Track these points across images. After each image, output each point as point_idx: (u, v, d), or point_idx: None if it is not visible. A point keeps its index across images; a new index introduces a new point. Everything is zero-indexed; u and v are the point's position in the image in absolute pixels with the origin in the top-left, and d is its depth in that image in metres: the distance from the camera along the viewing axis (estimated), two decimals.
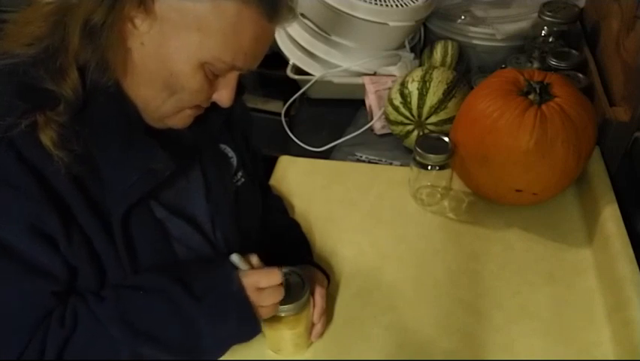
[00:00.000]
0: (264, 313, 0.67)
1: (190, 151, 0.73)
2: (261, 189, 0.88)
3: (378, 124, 1.11)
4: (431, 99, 0.99)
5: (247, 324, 0.66)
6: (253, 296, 0.65)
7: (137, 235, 0.66)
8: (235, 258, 0.67)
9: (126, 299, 0.64)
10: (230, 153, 0.79)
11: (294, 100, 1.25)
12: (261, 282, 0.65)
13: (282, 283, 0.67)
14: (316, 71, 1.22)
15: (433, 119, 1.00)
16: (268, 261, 0.70)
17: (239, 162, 0.79)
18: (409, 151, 1.02)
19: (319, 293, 0.75)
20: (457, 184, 0.94)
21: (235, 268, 0.66)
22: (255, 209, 0.83)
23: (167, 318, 0.64)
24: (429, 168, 0.88)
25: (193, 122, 0.70)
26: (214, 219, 0.74)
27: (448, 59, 1.18)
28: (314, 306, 0.74)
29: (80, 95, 0.60)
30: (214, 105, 0.69)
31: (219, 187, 0.75)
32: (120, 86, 0.63)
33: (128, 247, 0.65)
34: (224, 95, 0.66)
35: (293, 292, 0.68)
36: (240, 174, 0.79)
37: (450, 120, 0.98)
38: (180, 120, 0.68)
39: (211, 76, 0.63)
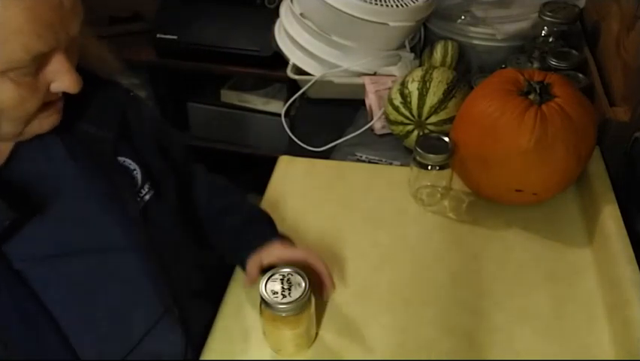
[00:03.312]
0: None
1: (53, 184, 0.66)
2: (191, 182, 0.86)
3: (378, 124, 1.11)
4: (431, 99, 0.99)
5: None
6: None
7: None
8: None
9: None
10: (133, 165, 0.73)
11: (294, 100, 1.25)
12: None
13: None
14: (316, 71, 1.22)
15: (433, 119, 1.00)
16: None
17: (144, 175, 0.74)
18: (409, 151, 1.02)
19: (313, 258, 0.76)
20: (457, 184, 0.94)
21: None
22: (168, 221, 0.77)
23: None
24: (429, 168, 0.88)
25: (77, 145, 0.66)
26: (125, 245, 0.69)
27: (448, 59, 1.18)
28: (319, 272, 0.74)
29: None
30: (96, 119, 0.66)
31: (121, 210, 0.69)
32: None
33: None
34: (65, 82, 0.59)
35: (293, 292, 0.68)
36: (146, 187, 0.73)
37: (450, 120, 0.98)
38: (40, 126, 0.63)
39: (25, 78, 0.57)
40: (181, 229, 0.79)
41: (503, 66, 1.15)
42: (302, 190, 1.00)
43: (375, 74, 1.20)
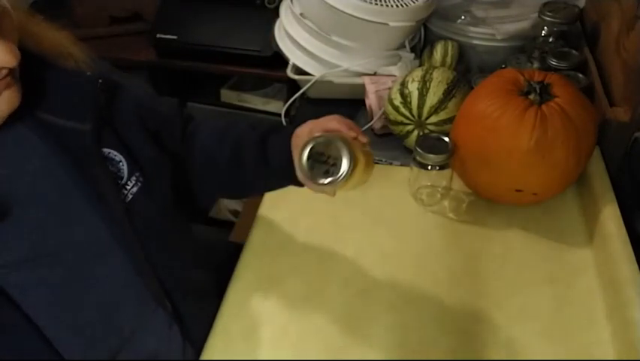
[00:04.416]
0: None
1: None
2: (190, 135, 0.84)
3: (378, 124, 1.11)
4: (431, 99, 0.99)
5: None
6: None
7: None
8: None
9: None
10: (118, 156, 0.70)
11: (294, 100, 1.25)
12: None
13: None
14: (316, 71, 1.22)
15: (433, 119, 1.00)
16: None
17: (131, 166, 0.71)
18: (409, 151, 1.02)
19: (333, 120, 0.73)
20: (457, 184, 0.94)
21: None
22: (158, 212, 0.75)
23: None
24: (429, 168, 0.88)
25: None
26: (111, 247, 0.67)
27: (448, 59, 1.18)
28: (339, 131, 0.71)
29: None
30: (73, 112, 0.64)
31: (103, 205, 0.66)
32: None
33: None
34: None
35: (337, 159, 0.66)
36: (133, 178, 0.71)
37: (450, 120, 0.98)
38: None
39: None
40: (174, 219, 0.78)
41: (503, 66, 1.15)
42: (302, 190, 0.99)
43: (375, 74, 1.20)
